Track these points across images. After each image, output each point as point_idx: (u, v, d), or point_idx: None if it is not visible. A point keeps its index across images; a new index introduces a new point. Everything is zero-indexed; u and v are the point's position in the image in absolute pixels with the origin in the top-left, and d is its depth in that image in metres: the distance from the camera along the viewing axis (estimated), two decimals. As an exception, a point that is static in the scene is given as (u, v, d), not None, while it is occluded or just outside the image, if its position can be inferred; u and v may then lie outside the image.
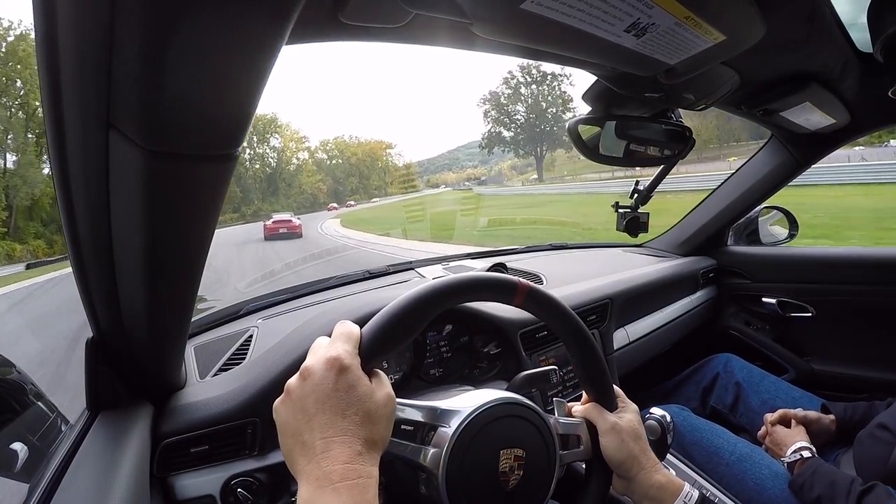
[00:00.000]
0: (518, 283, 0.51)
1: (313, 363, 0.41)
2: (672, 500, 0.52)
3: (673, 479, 0.55)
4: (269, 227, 16.30)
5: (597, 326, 1.11)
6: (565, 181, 41.34)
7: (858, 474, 0.85)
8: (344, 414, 0.38)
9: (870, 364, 1.36)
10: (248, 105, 0.32)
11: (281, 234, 15.79)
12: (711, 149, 41.04)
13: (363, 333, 0.44)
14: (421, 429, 0.47)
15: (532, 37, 0.50)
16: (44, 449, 0.58)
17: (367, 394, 0.40)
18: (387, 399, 0.41)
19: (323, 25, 0.44)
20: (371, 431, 0.39)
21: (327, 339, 0.44)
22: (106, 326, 0.53)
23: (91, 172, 0.35)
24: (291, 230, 16.19)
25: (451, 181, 75.77)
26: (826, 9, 0.67)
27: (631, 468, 0.54)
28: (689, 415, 1.06)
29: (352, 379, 0.40)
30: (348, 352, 0.41)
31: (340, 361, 0.40)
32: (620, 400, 0.59)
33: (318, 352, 0.42)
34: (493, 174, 71.49)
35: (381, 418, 0.40)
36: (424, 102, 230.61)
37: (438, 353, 0.83)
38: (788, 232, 1.62)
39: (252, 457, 0.61)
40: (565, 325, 0.55)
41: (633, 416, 0.57)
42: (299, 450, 0.38)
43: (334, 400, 0.39)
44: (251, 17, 0.26)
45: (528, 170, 60.74)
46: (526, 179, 56.18)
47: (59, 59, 0.28)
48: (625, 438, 0.54)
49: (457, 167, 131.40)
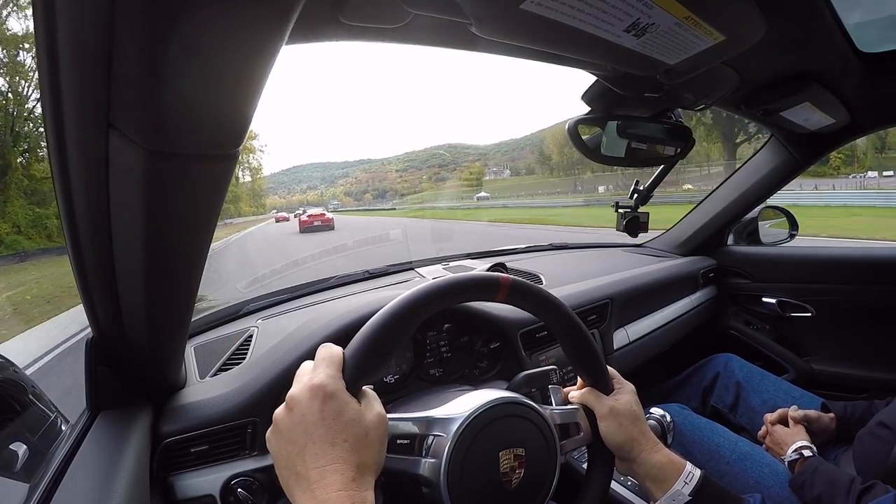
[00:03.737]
0: (499, 279, 0.51)
1: (297, 392, 0.40)
2: (674, 479, 0.53)
3: (674, 458, 0.55)
4: (304, 220, 17.84)
5: (597, 326, 1.11)
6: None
7: (858, 473, 0.85)
8: (333, 442, 0.38)
9: (869, 364, 1.36)
10: (248, 105, 0.32)
11: (315, 227, 17.32)
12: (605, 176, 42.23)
13: (346, 355, 0.43)
14: (417, 441, 0.47)
15: (532, 37, 0.50)
16: (44, 449, 0.57)
17: (355, 419, 0.39)
18: (377, 420, 0.41)
19: (323, 25, 0.44)
20: (363, 456, 0.39)
21: (311, 363, 0.43)
22: (106, 326, 0.53)
23: (91, 172, 0.35)
24: (325, 223, 17.73)
25: (278, 205, 74.10)
26: (826, 9, 0.67)
27: (631, 450, 0.54)
28: (689, 414, 1.06)
29: (338, 405, 0.39)
30: (331, 377, 0.41)
31: (324, 389, 0.40)
32: (616, 381, 0.59)
33: (301, 379, 0.42)
34: (327, 198, 71.38)
35: (373, 441, 0.40)
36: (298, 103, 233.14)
37: (438, 353, 0.83)
38: (788, 232, 1.62)
39: (252, 457, 0.61)
40: (554, 314, 0.55)
41: (629, 396, 0.57)
42: (294, 480, 0.38)
43: (322, 429, 0.38)
44: (251, 17, 0.26)
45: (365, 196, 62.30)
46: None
47: (59, 59, 0.28)
48: (623, 421, 0.55)
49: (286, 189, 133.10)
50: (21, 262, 14.61)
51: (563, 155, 73.94)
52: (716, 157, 38.62)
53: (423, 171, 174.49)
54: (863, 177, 25.58)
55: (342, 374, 0.42)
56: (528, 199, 39.79)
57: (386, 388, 0.76)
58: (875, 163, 32.48)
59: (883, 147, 33.55)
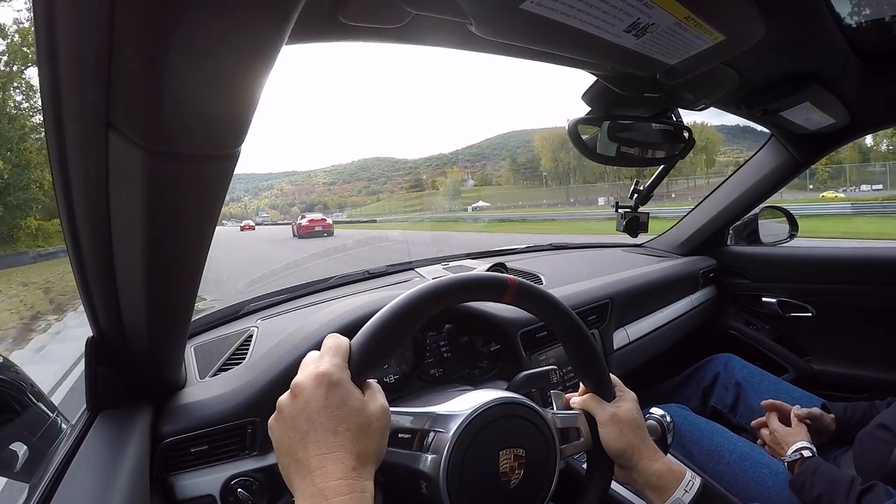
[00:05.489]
0: (508, 280, 0.51)
1: (303, 379, 0.40)
2: (674, 487, 0.52)
3: (674, 467, 0.55)
4: (304, 225, 17.32)
5: (597, 326, 1.11)
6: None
7: (859, 474, 0.85)
8: (335, 430, 0.38)
9: (869, 364, 1.36)
10: (248, 105, 0.32)
11: (316, 232, 16.97)
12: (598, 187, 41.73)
13: (352, 346, 0.43)
14: (418, 436, 0.47)
15: (532, 37, 0.50)
16: (44, 449, 0.57)
17: (358, 408, 0.40)
18: (380, 411, 0.41)
19: (322, 25, 0.44)
20: (364, 446, 0.39)
21: (317, 353, 0.44)
22: (106, 326, 0.53)
23: (91, 172, 0.35)
24: (326, 228, 17.46)
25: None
26: (826, 9, 0.67)
27: (631, 458, 0.54)
28: (689, 414, 1.06)
29: (342, 394, 0.40)
30: (337, 366, 0.41)
31: (329, 377, 0.40)
32: (618, 389, 0.59)
33: (307, 367, 0.42)
34: (251, 211, 70.69)
35: (375, 431, 0.40)
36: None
37: (438, 353, 0.83)
38: (788, 232, 1.62)
39: (252, 457, 0.61)
40: (559, 318, 0.55)
41: (631, 404, 0.57)
42: (294, 467, 0.38)
43: (325, 416, 0.38)
44: (251, 17, 0.26)
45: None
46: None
47: (59, 59, 0.28)
48: (623, 429, 0.54)
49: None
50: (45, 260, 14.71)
51: (556, 162, 73.48)
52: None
53: (353, 183, 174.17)
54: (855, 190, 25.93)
55: (348, 364, 0.42)
56: (539, 211, 36.48)
57: (386, 389, 0.75)
58: (860, 177, 33.01)
59: (866, 160, 34.27)
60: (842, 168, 35.55)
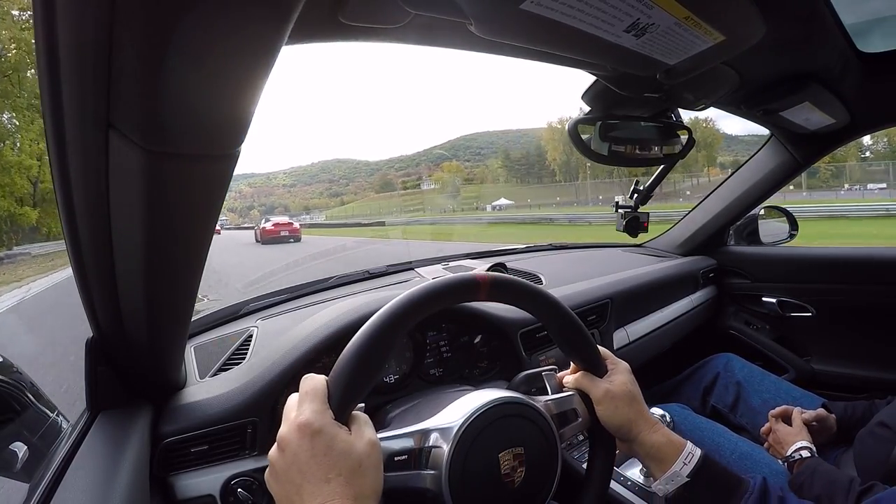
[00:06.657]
0: (477, 277, 0.50)
1: (286, 432, 0.40)
2: (674, 458, 0.52)
3: (673, 438, 0.54)
4: (269, 230, 15.67)
5: (596, 326, 1.11)
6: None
7: (859, 473, 0.85)
8: (327, 478, 0.38)
9: (870, 363, 1.36)
10: (248, 105, 0.32)
11: (282, 237, 15.33)
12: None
13: (329, 384, 0.43)
14: (415, 455, 0.46)
15: (532, 37, 0.50)
16: (44, 449, 0.58)
17: (346, 451, 0.39)
18: (369, 448, 0.41)
19: (322, 25, 0.44)
20: (360, 486, 0.39)
21: (297, 397, 0.43)
22: (106, 326, 0.53)
23: (91, 172, 0.35)
24: (293, 233, 15.84)
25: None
26: (826, 9, 0.67)
27: (630, 431, 0.54)
28: (689, 413, 1.06)
29: (327, 440, 0.39)
30: (316, 412, 0.40)
31: (311, 426, 0.39)
32: (610, 361, 0.59)
33: (289, 417, 0.42)
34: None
35: (368, 469, 0.40)
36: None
37: (438, 353, 0.83)
38: (788, 232, 1.62)
39: (252, 457, 0.61)
40: (535, 301, 0.54)
41: (624, 376, 0.57)
42: None
43: (315, 466, 0.38)
44: (251, 18, 0.26)
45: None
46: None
47: (59, 59, 0.28)
48: (619, 404, 0.54)
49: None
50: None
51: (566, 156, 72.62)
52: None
53: (314, 185, 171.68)
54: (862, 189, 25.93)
55: (328, 404, 0.41)
56: (567, 211, 30.83)
57: (386, 389, 0.76)
58: (863, 176, 33.09)
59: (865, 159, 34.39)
60: (843, 167, 35.58)
